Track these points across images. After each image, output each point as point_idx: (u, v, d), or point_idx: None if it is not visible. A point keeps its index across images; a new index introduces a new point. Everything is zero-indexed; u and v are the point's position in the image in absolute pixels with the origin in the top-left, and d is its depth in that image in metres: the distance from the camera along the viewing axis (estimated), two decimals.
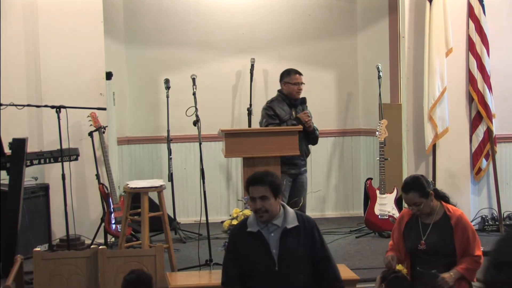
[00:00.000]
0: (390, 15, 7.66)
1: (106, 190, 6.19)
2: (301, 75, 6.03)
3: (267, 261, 3.65)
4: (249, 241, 3.71)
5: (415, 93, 6.83)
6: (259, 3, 7.73)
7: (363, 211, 7.23)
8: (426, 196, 4.07)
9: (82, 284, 4.49)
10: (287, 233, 3.68)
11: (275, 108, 5.92)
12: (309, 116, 5.93)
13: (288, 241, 3.66)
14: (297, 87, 5.96)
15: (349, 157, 7.97)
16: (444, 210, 4.15)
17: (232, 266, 3.77)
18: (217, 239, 6.31)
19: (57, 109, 5.82)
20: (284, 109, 5.93)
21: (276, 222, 3.69)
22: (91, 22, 6.43)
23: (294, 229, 3.69)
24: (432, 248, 4.08)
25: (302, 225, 3.71)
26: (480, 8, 6.71)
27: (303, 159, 5.96)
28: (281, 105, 5.95)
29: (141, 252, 4.79)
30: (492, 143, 6.83)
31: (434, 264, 4.07)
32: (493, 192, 6.95)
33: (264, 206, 3.65)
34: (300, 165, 5.93)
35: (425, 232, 4.13)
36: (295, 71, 6.04)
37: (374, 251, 6.11)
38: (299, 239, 3.68)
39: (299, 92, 5.98)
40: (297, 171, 5.90)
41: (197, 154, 6.53)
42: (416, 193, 4.07)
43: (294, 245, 3.66)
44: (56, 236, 6.33)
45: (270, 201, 3.65)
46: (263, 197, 3.65)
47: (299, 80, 5.98)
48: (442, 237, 4.09)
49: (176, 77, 7.27)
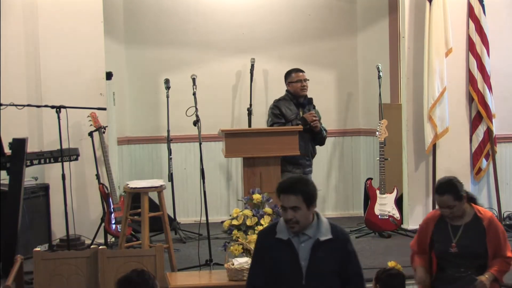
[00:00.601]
0: (390, 15, 7.66)
1: (106, 190, 6.19)
2: (302, 72, 6.01)
3: (295, 273, 3.43)
4: (278, 248, 3.47)
5: (415, 93, 6.83)
6: (259, 3, 7.72)
7: (363, 211, 7.23)
8: (460, 199, 4.01)
9: (82, 284, 4.49)
10: (319, 245, 3.44)
11: (281, 107, 5.91)
12: (315, 116, 5.88)
13: (319, 254, 3.43)
14: (300, 84, 5.93)
15: (349, 157, 7.97)
16: (474, 211, 4.09)
17: (258, 268, 3.54)
18: (217, 239, 6.31)
19: (57, 109, 5.82)
20: (291, 109, 5.91)
21: (308, 232, 3.45)
22: (91, 22, 6.43)
23: (327, 241, 3.45)
24: (464, 250, 4.02)
25: (335, 238, 3.48)
26: (480, 8, 6.72)
27: (309, 159, 5.94)
28: (287, 104, 5.94)
29: (141, 252, 4.79)
30: (492, 143, 6.84)
31: (465, 267, 4.01)
32: (493, 192, 6.95)
33: (296, 217, 3.41)
34: (305, 165, 5.91)
35: (455, 234, 4.06)
36: (295, 70, 6.04)
37: (374, 251, 6.11)
38: (332, 253, 3.45)
39: (303, 88, 5.94)
40: (302, 171, 5.87)
41: (197, 154, 6.53)
42: (451, 196, 3.99)
43: (325, 259, 3.43)
44: (56, 236, 6.33)
45: (302, 212, 3.41)
46: (294, 207, 3.40)
47: (301, 77, 5.96)
48: (474, 239, 4.03)
49: (176, 77, 7.27)
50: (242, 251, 4.72)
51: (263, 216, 4.80)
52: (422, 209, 6.87)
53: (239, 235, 4.76)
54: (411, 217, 6.85)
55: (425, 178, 6.87)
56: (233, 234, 4.79)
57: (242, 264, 4.56)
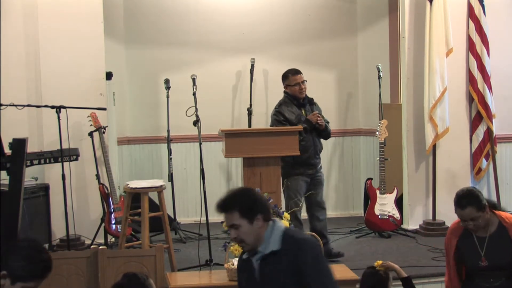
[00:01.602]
0: (390, 15, 7.67)
1: (106, 190, 6.19)
2: (300, 73, 5.89)
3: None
4: (243, 268, 3.26)
5: (415, 93, 6.83)
6: (259, 4, 7.72)
7: (363, 211, 7.23)
8: (483, 209, 3.81)
9: (82, 284, 4.50)
10: (265, 260, 3.11)
11: (284, 112, 5.80)
12: (319, 116, 5.81)
13: (266, 268, 3.10)
14: (298, 87, 5.84)
15: (349, 157, 7.97)
16: (498, 220, 3.90)
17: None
18: (217, 239, 6.32)
19: (57, 109, 5.82)
20: (293, 111, 5.82)
21: (260, 248, 3.12)
22: (91, 22, 6.43)
23: (274, 255, 3.08)
24: (494, 263, 3.86)
25: (284, 249, 3.07)
26: (480, 8, 6.72)
27: (318, 157, 5.91)
28: (289, 107, 5.83)
29: (141, 252, 4.79)
30: (492, 143, 6.84)
31: (496, 278, 3.87)
32: (493, 192, 6.95)
33: (239, 235, 3.08)
34: (316, 164, 5.89)
35: (482, 247, 3.89)
36: (293, 72, 5.91)
37: (374, 251, 6.11)
38: (278, 266, 3.07)
39: (301, 91, 5.85)
40: (314, 170, 5.86)
41: (197, 154, 6.53)
42: (473, 208, 3.79)
43: (273, 273, 3.07)
44: (56, 236, 6.33)
45: (243, 228, 3.06)
46: (233, 225, 3.08)
47: (298, 80, 5.85)
48: (502, 250, 3.85)
49: (176, 77, 7.27)
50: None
51: None
52: (422, 209, 6.87)
53: None
54: (411, 217, 6.86)
55: (425, 178, 6.87)
56: None
57: None
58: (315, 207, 5.88)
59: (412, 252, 6.04)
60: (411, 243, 6.38)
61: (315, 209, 5.89)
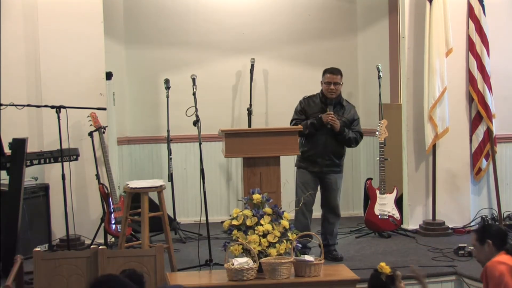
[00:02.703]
0: (390, 15, 7.67)
1: (106, 190, 6.19)
2: (334, 74, 5.82)
3: None
4: None
5: (415, 93, 6.83)
6: (259, 3, 7.72)
7: (363, 211, 7.24)
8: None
9: (82, 284, 4.49)
10: None
11: (305, 103, 5.88)
12: (333, 117, 5.72)
13: None
14: (328, 86, 5.79)
15: (349, 157, 7.94)
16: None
17: None
18: (217, 239, 6.32)
19: (57, 109, 5.82)
20: (315, 106, 5.83)
21: None
22: (91, 22, 6.43)
23: None
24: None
25: None
26: (480, 8, 6.72)
27: (328, 158, 5.79)
28: (314, 101, 5.87)
29: (141, 252, 4.79)
30: (492, 143, 6.84)
31: None
32: (493, 192, 6.95)
33: None
34: (323, 165, 5.79)
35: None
36: (329, 70, 5.88)
37: (374, 251, 6.11)
38: None
39: (331, 92, 5.78)
40: (319, 169, 5.80)
41: (197, 154, 6.53)
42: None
43: None
44: (56, 236, 6.33)
45: None
46: None
47: (330, 80, 5.80)
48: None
49: (176, 77, 7.27)
50: (242, 251, 4.72)
51: (263, 216, 4.80)
52: (422, 209, 6.87)
53: (239, 235, 4.75)
54: (411, 217, 6.86)
55: (425, 178, 6.87)
56: (233, 234, 4.78)
57: (242, 264, 4.57)
58: (326, 209, 5.92)
59: (412, 252, 6.04)
60: (411, 243, 6.38)
61: (326, 211, 5.92)
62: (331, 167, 5.85)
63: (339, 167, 5.91)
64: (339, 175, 5.94)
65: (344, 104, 5.92)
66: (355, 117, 5.93)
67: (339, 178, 5.93)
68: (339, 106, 5.89)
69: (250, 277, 4.58)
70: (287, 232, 4.79)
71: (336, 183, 5.90)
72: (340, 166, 5.92)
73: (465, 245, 5.81)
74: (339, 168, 5.92)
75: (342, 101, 5.92)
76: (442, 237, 6.56)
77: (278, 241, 4.73)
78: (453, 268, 5.47)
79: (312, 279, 4.63)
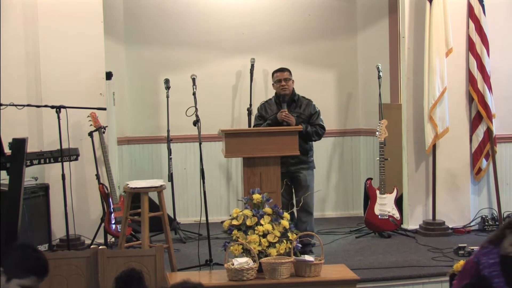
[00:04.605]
0: (390, 15, 7.67)
1: (106, 190, 6.19)
2: (282, 71, 5.94)
3: None
4: None
5: (415, 93, 6.83)
6: (259, 3, 7.73)
7: (363, 211, 7.23)
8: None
9: (82, 284, 4.49)
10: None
11: (261, 108, 6.02)
12: (286, 115, 5.73)
13: None
14: (279, 84, 5.90)
15: (349, 157, 7.97)
16: None
17: None
18: (217, 239, 6.32)
19: (57, 109, 5.82)
20: (272, 109, 5.94)
21: None
22: (91, 23, 6.43)
23: None
24: None
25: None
26: (480, 8, 6.72)
27: (293, 157, 5.70)
28: (270, 105, 5.99)
29: (141, 252, 4.79)
30: (492, 143, 6.84)
31: None
32: (493, 192, 6.95)
33: None
34: (289, 163, 5.76)
35: None
36: (277, 70, 6.00)
37: (374, 251, 6.11)
38: None
39: (283, 88, 5.87)
40: (286, 169, 5.72)
41: (197, 154, 6.53)
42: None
43: None
44: (56, 236, 6.33)
45: None
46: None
47: (280, 77, 5.91)
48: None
49: (176, 77, 7.27)
50: (242, 251, 4.72)
51: (263, 216, 4.80)
52: (422, 209, 6.87)
53: (239, 235, 4.75)
54: (411, 217, 6.86)
55: (425, 178, 6.87)
56: (233, 234, 4.78)
57: (242, 264, 4.57)
58: (298, 207, 5.71)
59: (412, 252, 6.04)
60: (411, 243, 6.38)
61: (298, 210, 5.73)
62: (298, 165, 5.84)
63: (307, 163, 5.90)
64: (309, 172, 5.90)
65: (300, 100, 5.96)
66: (312, 111, 5.93)
67: (308, 175, 5.89)
68: (294, 104, 5.93)
69: (250, 277, 4.58)
70: (287, 232, 4.79)
71: (306, 180, 5.86)
72: (307, 162, 5.90)
73: (465, 245, 5.81)
74: (307, 165, 5.90)
75: (296, 97, 5.96)
76: (442, 237, 6.56)
77: (278, 241, 4.73)
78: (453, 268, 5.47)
79: (312, 279, 4.62)
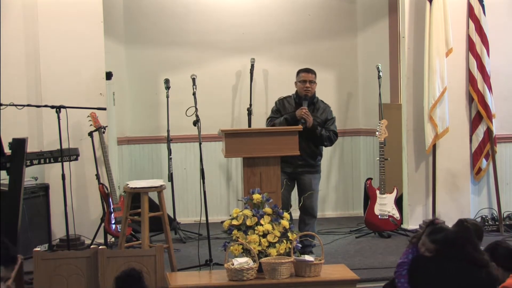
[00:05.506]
0: (390, 15, 7.67)
1: (106, 190, 6.19)
2: (308, 72, 5.88)
3: None
4: None
5: (415, 93, 6.83)
6: (259, 3, 7.72)
7: (363, 211, 7.23)
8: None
9: (82, 284, 4.50)
10: None
11: (280, 104, 5.91)
12: (306, 113, 5.69)
13: None
14: (304, 85, 5.82)
15: (349, 157, 7.96)
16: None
17: None
18: (217, 239, 6.32)
19: (57, 109, 5.82)
20: (290, 106, 5.85)
21: None
22: (91, 22, 6.43)
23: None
24: None
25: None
26: (480, 8, 6.72)
27: (302, 159, 5.72)
28: (288, 100, 5.90)
29: (141, 252, 4.79)
30: (492, 143, 6.84)
31: None
32: (493, 192, 6.95)
33: None
34: (297, 165, 5.75)
35: None
36: (303, 70, 5.93)
37: (374, 251, 6.11)
38: None
39: (307, 90, 5.80)
40: (293, 170, 5.74)
41: (197, 154, 6.53)
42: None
43: None
44: (56, 236, 6.33)
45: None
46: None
47: (305, 78, 5.84)
48: None
49: (176, 77, 7.27)
50: (242, 251, 4.72)
51: (263, 216, 4.80)
52: (422, 209, 6.87)
53: (239, 235, 4.76)
54: (411, 217, 6.85)
55: (425, 178, 6.87)
56: (233, 234, 4.79)
57: (242, 264, 4.57)
58: (302, 210, 5.74)
59: None
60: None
61: (302, 212, 5.77)
62: (305, 168, 5.80)
63: (314, 167, 5.86)
64: (314, 176, 5.86)
65: (319, 104, 5.94)
66: (329, 117, 5.92)
67: (314, 179, 5.85)
68: (313, 105, 5.90)
69: (250, 277, 4.58)
70: (287, 232, 4.79)
71: (311, 183, 5.82)
72: (315, 166, 5.86)
73: None
74: (315, 169, 5.86)
75: (316, 101, 5.93)
76: None
77: (278, 241, 4.74)
78: None
79: (312, 279, 4.63)
